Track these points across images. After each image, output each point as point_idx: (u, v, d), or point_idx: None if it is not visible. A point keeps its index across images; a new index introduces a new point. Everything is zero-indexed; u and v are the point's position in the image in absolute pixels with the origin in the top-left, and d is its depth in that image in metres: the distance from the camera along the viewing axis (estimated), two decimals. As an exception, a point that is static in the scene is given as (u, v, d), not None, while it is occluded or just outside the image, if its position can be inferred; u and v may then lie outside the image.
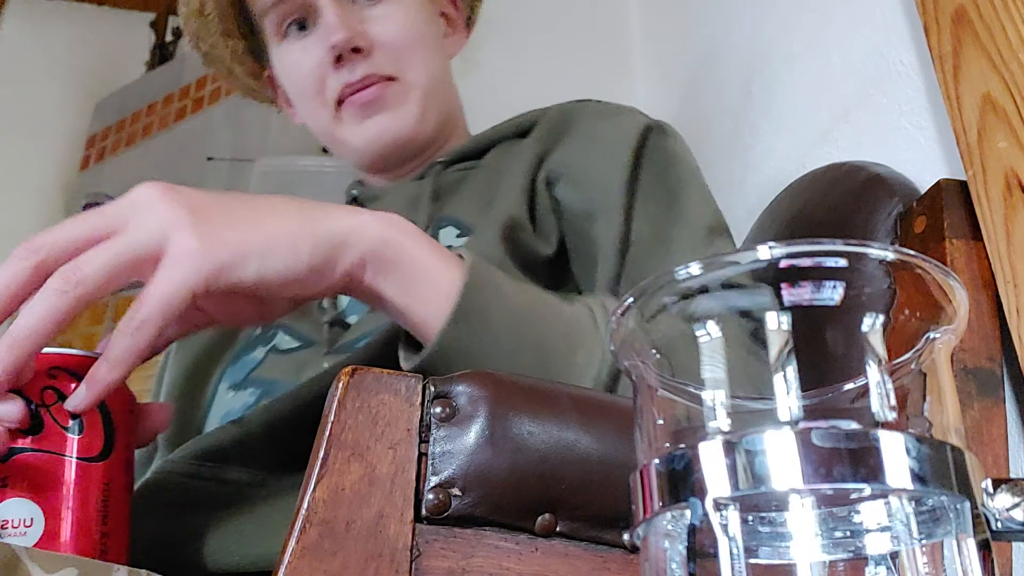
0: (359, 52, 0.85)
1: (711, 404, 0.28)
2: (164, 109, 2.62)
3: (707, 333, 0.29)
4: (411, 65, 0.88)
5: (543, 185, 0.80)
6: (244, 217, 0.52)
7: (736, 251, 0.27)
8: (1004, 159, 0.67)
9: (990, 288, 0.67)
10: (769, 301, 0.28)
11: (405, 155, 0.91)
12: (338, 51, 0.84)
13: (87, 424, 0.50)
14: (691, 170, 0.83)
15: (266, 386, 0.76)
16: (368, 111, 0.86)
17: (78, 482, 0.49)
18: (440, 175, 0.88)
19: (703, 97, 1.37)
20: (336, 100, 0.87)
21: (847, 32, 1.00)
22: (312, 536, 0.40)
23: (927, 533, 0.27)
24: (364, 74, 0.85)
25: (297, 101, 0.93)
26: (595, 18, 1.68)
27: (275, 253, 0.51)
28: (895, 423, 0.27)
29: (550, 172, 0.81)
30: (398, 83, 0.87)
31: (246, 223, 0.51)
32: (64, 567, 0.42)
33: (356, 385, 0.43)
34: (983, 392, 0.65)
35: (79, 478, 0.49)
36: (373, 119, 0.87)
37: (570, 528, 0.45)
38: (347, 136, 0.89)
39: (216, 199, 0.52)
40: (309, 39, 0.88)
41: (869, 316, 0.28)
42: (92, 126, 2.74)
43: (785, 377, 0.27)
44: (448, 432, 0.44)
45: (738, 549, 0.25)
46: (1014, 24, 0.69)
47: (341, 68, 0.85)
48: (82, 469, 0.50)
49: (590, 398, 0.49)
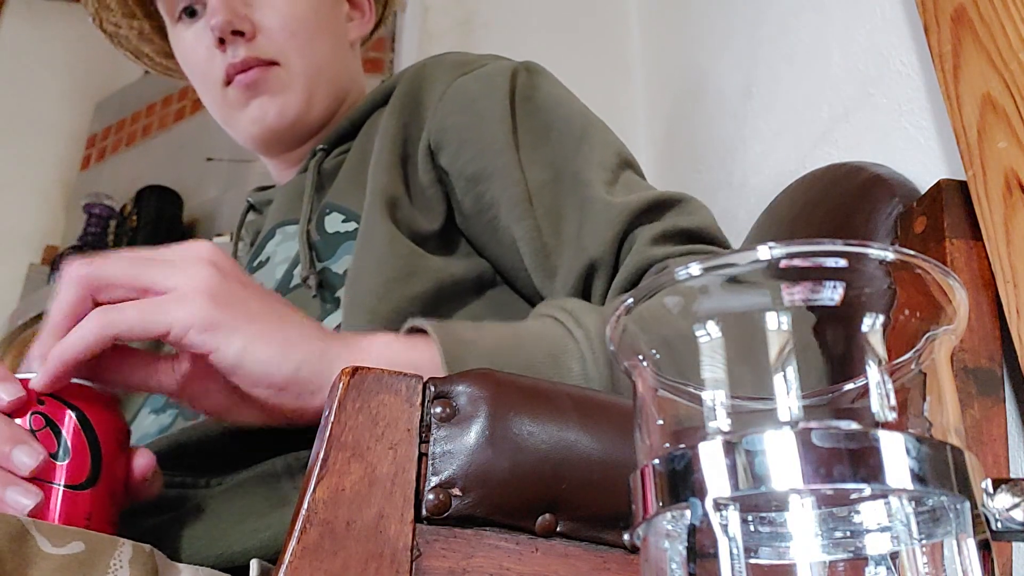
0: (240, 35, 0.86)
1: (711, 404, 0.28)
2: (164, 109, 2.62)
3: (707, 333, 0.29)
4: (295, 50, 0.88)
5: (425, 156, 0.80)
6: (258, 308, 0.54)
7: (736, 251, 0.27)
8: (1004, 159, 0.67)
9: (990, 288, 0.67)
10: (769, 301, 0.28)
11: (294, 137, 0.91)
12: (218, 33, 0.85)
13: (74, 450, 0.50)
14: (576, 106, 0.81)
15: (180, 408, 0.76)
16: (250, 93, 0.87)
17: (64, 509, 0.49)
18: (321, 163, 0.89)
19: (703, 98, 1.37)
20: (222, 81, 0.87)
21: (847, 32, 1.00)
22: (312, 536, 0.40)
23: (927, 533, 0.27)
24: (245, 56, 0.86)
25: (193, 83, 0.94)
26: (595, 18, 1.68)
27: (264, 344, 0.52)
28: (895, 423, 0.27)
29: (432, 141, 0.80)
30: (280, 68, 0.87)
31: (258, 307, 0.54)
32: (71, 540, 0.42)
33: (356, 386, 0.43)
34: (983, 392, 0.65)
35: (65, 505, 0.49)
36: (255, 101, 0.87)
37: (570, 528, 0.45)
38: (233, 118, 0.90)
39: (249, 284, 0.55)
40: (199, 23, 0.89)
41: (869, 316, 0.28)
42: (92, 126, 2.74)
43: (785, 377, 0.27)
44: (448, 432, 0.44)
45: (738, 549, 0.25)
46: (1014, 24, 0.69)
47: (224, 50, 0.86)
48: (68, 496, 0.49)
49: (590, 398, 0.49)
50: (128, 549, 0.43)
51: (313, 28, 0.90)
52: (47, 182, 2.67)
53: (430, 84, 0.83)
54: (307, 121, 0.90)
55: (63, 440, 0.50)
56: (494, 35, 1.62)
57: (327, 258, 0.79)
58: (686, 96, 1.44)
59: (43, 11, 2.68)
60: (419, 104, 0.83)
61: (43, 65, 2.65)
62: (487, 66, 0.82)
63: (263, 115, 0.88)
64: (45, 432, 0.50)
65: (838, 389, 0.29)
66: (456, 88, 0.81)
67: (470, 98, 0.80)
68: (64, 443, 0.50)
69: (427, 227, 0.77)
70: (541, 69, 0.85)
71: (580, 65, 1.60)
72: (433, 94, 0.82)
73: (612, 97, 1.58)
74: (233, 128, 0.92)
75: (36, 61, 2.64)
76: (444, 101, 0.80)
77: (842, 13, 1.02)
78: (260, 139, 0.91)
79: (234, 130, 0.92)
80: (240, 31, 0.85)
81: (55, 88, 2.67)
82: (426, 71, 0.85)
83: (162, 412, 0.78)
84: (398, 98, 0.84)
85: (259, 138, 0.90)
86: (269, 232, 0.89)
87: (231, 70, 0.86)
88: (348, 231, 0.79)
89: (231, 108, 0.89)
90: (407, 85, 0.85)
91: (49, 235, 2.60)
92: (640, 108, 1.59)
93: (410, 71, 0.88)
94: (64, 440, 0.50)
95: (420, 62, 0.89)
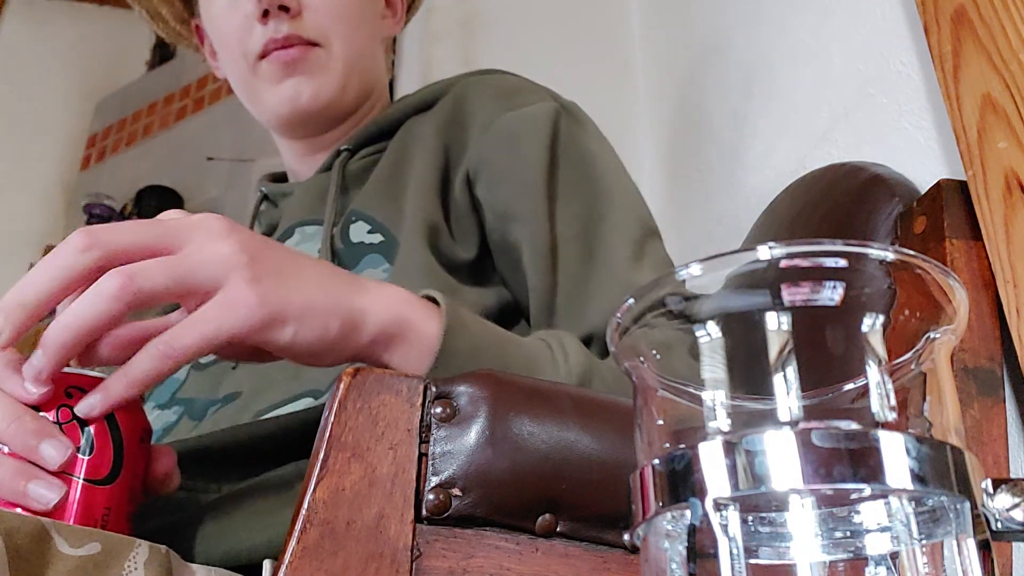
0: (286, 11, 0.84)
1: (711, 404, 0.28)
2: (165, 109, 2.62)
3: (707, 333, 0.29)
4: (337, 35, 0.87)
5: (462, 184, 0.80)
6: (292, 274, 0.53)
7: (736, 251, 0.27)
8: (1004, 159, 0.67)
9: (990, 288, 0.67)
10: (769, 301, 0.28)
11: (321, 122, 0.90)
12: (265, 6, 0.84)
13: (97, 445, 0.50)
14: (610, 163, 0.82)
15: (187, 405, 0.75)
16: (287, 71, 0.85)
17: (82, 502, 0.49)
18: (346, 164, 0.87)
19: (703, 97, 1.37)
20: (257, 54, 0.85)
21: (847, 32, 1.00)
22: (313, 536, 0.40)
23: (927, 533, 0.27)
24: (288, 33, 0.84)
25: (220, 52, 0.92)
26: (595, 18, 1.68)
27: (309, 324, 0.52)
28: (895, 423, 0.27)
29: (470, 170, 0.80)
30: (321, 50, 0.86)
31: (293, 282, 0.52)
32: (89, 541, 0.42)
33: (357, 386, 0.43)
34: (983, 392, 0.65)
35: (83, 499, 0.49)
36: (291, 80, 0.86)
37: (570, 528, 0.45)
38: (263, 93, 0.87)
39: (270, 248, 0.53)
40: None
41: (869, 316, 0.28)
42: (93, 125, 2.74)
43: (785, 377, 0.27)
44: (448, 432, 0.44)
45: (738, 549, 0.25)
46: (1014, 24, 0.69)
47: (267, 23, 0.84)
48: (87, 491, 0.49)
49: (590, 398, 0.49)
50: (144, 550, 0.43)
51: (357, 15, 0.89)
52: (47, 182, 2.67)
53: (475, 111, 0.83)
54: (339, 107, 0.89)
55: (88, 434, 0.50)
56: (497, 36, 1.62)
57: (349, 268, 0.78)
58: (686, 96, 1.44)
59: (43, 11, 2.68)
60: (463, 129, 0.82)
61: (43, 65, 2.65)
62: (533, 106, 0.82)
63: (297, 95, 0.86)
64: (71, 425, 0.50)
65: (838, 389, 0.29)
66: (502, 123, 0.81)
67: (513, 137, 0.80)
68: (89, 437, 0.50)
69: (463, 256, 0.77)
70: (583, 116, 0.85)
71: (581, 66, 1.60)
72: (477, 123, 0.82)
73: (613, 97, 1.58)
74: (258, 103, 0.89)
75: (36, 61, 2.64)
76: (488, 134, 0.81)
77: (842, 13, 1.02)
78: (287, 119, 0.89)
79: (259, 106, 0.90)
80: (286, 7, 0.84)
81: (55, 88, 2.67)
82: (472, 95, 0.85)
83: (167, 408, 0.77)
84: (441, 117, 0.84)
85: (286, 118, 0.88)
86: (287, 230, 0.87)
87: (271, 44, 0.84)
88: (373, 243, 0.79)
89: (261, 82, 0.87)
90: (451, 107, 0.85)
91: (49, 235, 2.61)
92: (641, 108, 1.59)
93: (453, 90, 0.87)
94: (89, 434, 0.50)
95: (462, 80, 0.88)
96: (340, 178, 0.86)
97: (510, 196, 0.77)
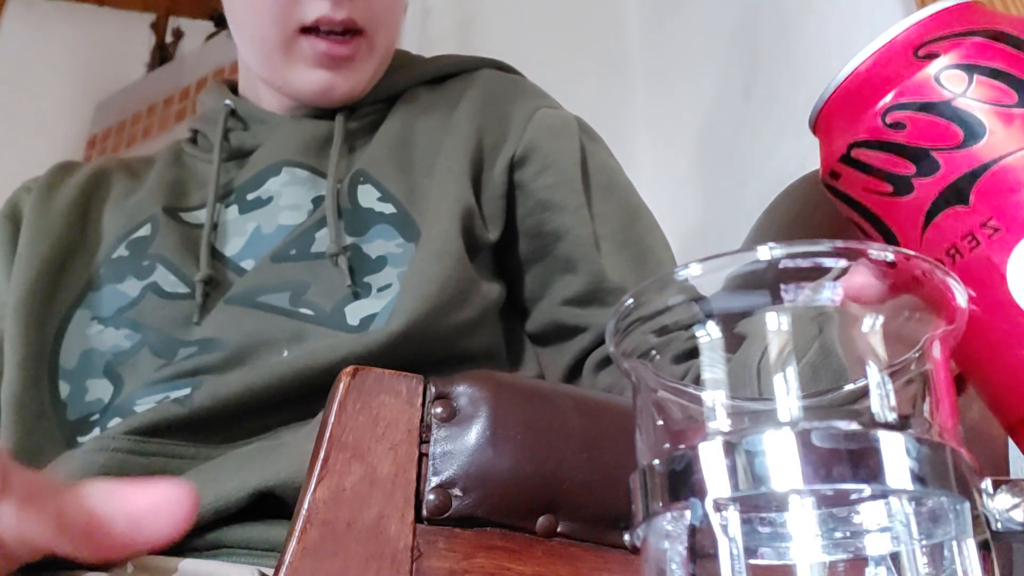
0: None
1: (711, 404, 0.28)
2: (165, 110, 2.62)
3: (707, 333, 0.29)
4: (384, 24, 0.83)
5: (504, 168, 0.79)
6: None
7: (736, 251, 0.27)
8: (1004, 159, 0.67)
9: (990, 288, 0.67)
10: (769, 301, 0.28)
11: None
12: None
13: None
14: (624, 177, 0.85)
15: (146, 333, 0.71)
16: (331, 64, 0.80)
17: None
18: (349, 117, 0.83)
19: (703, 99, 1.37)
20: (302, 26, 0.79)
21: (847, 32, 1.00)
22: (313, 536, 0.40)
23: (927, 534, 0.27)
24: (346, 17, 0.78)
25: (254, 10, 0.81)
26: (595, 21, 1.68)
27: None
28: (895, 424, 0.27)
29: (516, 154, 0.80)
30: (363, 39, 0.81)
31: None
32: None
33: (357, 387, 0.43)
34: (983, 392, 0.65)
35: None
36: (327, 72, 0.81)
37: (571, 528, 0.45)
38: (289, 70, 0.81)
39: None
40: None
41: (869, 316, 0.28)
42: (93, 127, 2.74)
43: (785, 377, 0.27)
44: (449, 433, 0.44)
45: (738, 550, 0.25)
46: (1014, 25, 0.69)
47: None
48: None
49: (590, 399, 0.49)
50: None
51: (400, 7, 0.87)
52: (47, 183, 2.67)
53: (516, 100, 0.84)
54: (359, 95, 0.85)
55: None
56: (495, 38, 1.62)
57: (357, 234, 0.74)
58: (686, 96, 1.44)
59: (43, 12, 2.68)
60: (504, 116, 0.82)
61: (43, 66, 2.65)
62: (562, 110, 0.85)
63: (331, 88, 0.81)
64: None
65: (838, 389, 0.29)
66: (544, 115, 0.83)
67: (554, 130, 0.82)
68: None
69: (490, 237, 0.77)
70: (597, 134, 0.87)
71: (580, 67, 1.60)
72: (522, 111, 0.82)
73: (612, 98, 1.58)
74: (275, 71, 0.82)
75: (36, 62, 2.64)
76: (534, 122, 0.82)
77: (842, 14, 1.02)
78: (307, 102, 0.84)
79: (275, 73, 0.83)
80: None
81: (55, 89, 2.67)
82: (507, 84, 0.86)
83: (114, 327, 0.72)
84: (476, 103, 0.82)
85: (307, 101, 0.84)
86: (273, 167, 0.81)
87: (324, 24, 0.78)
88: (384, 212, 0.76)
89: (293, 59, 0.81)
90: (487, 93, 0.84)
91: (49, 236, 2.59)
92: (640, 109, 1.59)
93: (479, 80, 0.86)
94: None
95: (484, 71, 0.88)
96: (344, 132, 0.82)
97: (555, 185, 0.79)
